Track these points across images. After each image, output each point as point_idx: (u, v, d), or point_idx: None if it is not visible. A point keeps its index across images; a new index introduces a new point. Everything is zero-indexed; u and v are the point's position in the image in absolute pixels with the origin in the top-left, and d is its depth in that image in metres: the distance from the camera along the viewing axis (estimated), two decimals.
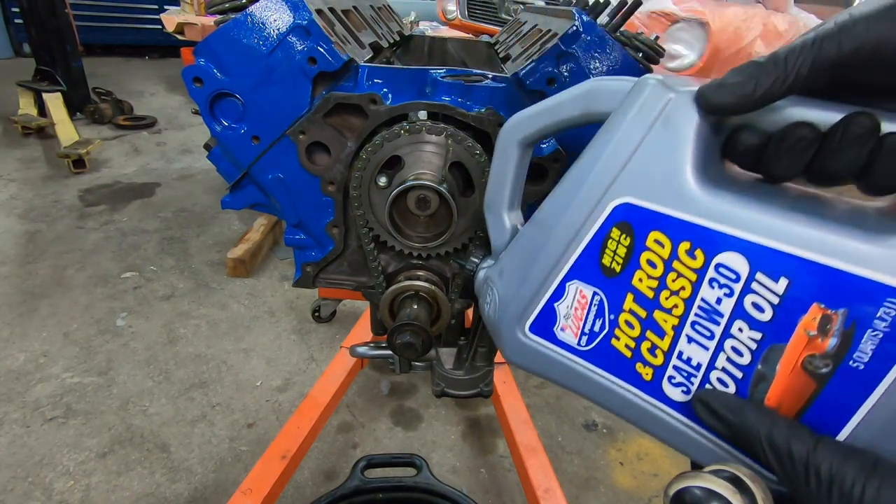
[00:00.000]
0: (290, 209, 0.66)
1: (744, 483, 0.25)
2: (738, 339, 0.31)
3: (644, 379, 0.36)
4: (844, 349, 0.28)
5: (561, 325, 0.40)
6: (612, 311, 0.37)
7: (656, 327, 0.35)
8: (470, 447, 1.47)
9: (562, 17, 0.72)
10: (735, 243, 0.31)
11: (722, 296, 0.31)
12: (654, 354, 0.35)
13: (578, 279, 0.38)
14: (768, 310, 0.30)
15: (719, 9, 2.23)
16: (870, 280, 0.26)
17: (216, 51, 0.57)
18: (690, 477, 0.26)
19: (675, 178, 0.32)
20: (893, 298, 0.26)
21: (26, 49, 5.13)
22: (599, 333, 0.38)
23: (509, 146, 0.45)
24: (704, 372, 0.33)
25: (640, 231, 0.34)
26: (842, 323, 0.28)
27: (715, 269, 0.31)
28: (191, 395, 1.55)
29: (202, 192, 2.91)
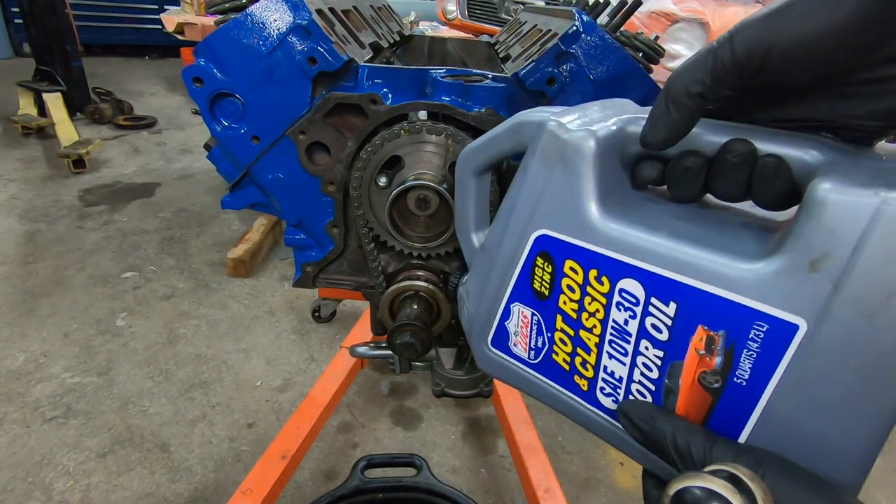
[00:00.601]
0: (290, 209, 0.66)
1: (743, 483, 0.25)
2: (646, 356, 0.34)
3: (582, 389, 0.39)
4: (728, 367, 0.30)
5: (513, 341, 0.44)
6: (548, 330, 0.40)
7: (583, 344, 0.38)
8: (470, 447, 1.47)
9: (562, 17, 0.72)
10: (632, 271, 0.33)
11: (628, 318, 0.35)
12: (585, 368, 0.38)
13: (519, 302, 0.42)
14: (665, 330, 0.33)
15: (719, 9, 2.23)
16: (739, 304, 0.29)
17: (216, 51, 0.57)
18: (690, 477, 0.26)
19: (577, 211, 0.36)
20: (760, 322, 0.28)
21: (26, 49, 5.13)
22: (542, 349, 0.41)
23: (464, 176, 0.48)
24: (626, 384, 0.36)
25: (558, 259, 0.38)
26: (723, 343, 0.30)
27: (619, 294, 0.35)
28: (191, 395, 1.55)
29: (202, 192, 2.91)
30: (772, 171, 0.30)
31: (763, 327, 0.28)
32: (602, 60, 0.58)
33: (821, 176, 0.27)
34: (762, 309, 0.28)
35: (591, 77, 0.58)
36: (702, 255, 0.30)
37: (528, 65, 0.58)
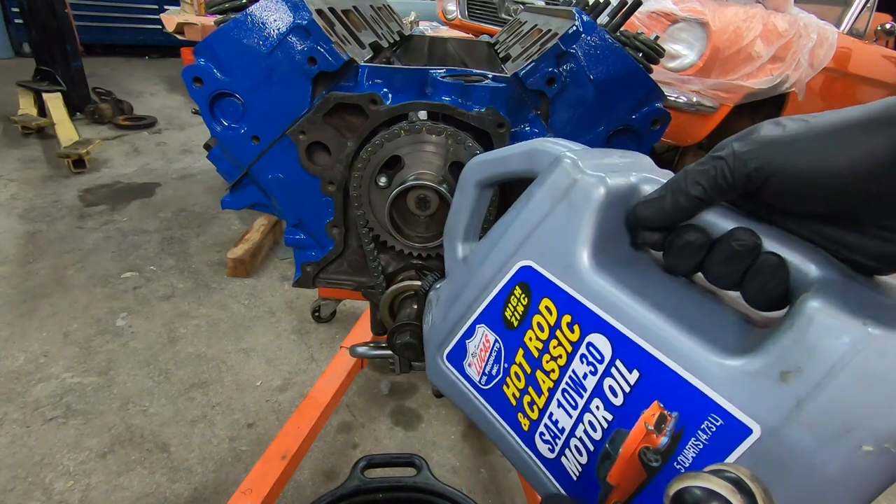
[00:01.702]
0: (290, 209, 0.66)
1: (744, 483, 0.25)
2: (594, 415, 0.34)
3: (522, 428, 0.39)
4: (672, 450, 0.29)
5: (468, 360, 0.43)
6: (506, 360, 0.40)
7: (536, 385, 0.37)
8: (470, 447, 1.47)
9: (562, 17, 0.72)
10: (605, 328, 0.33)
11: (588, 372, 0.34)
12: (531, 409, 0.38)
13: (486, 324, 0.41)
14: (620, 396, 0.32)
15: (719, 9, 2.22)
16: (701, 392, 0.28)
17: (216, 51, 0.57)
18: (690, 477, 0.26)
19: (569, 254, 0.35)
20: (716, 415, 0.28)
21: (26, 49, 5.13)
22: (495, 377, 0.41)
23: (467, 185, 0.48)
24: (567, 436, 0.35)
25: (535, 294, 0.37)
26: (673, 425, 0.30)
27: (586, 347, 0.34)
28: (191, 395, 1.55)
29: (202, 192, 2.91)
30: (770, 270, 0.29)
31: (717, 422, 0.28)
32: (602, 60, 0.58)
33: (814, 292, 0.27)
34: (722, 404, 0.28)
35: (591, 77, 0.58)
36: (679, 335, 0.30)
37: (528, 65, 0.58)
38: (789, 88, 2.49)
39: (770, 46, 2.25)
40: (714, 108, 2.36)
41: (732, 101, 2.36)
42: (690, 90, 2.33)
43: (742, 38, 2.21)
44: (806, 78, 2.48)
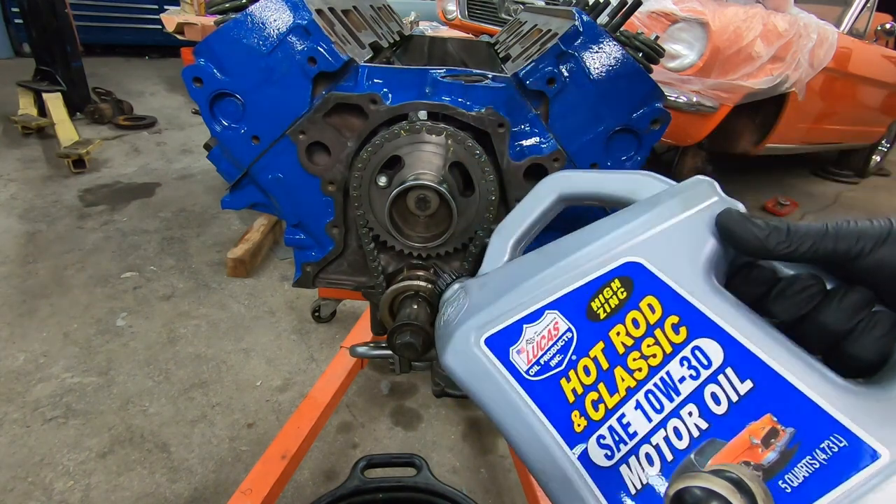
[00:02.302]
0: (290, 209, 0.66)
1: (744, 483, 0.25)
2: (683, 422, 0.31)
3: (574, 429, 0.35)
4: (780, 467, 0.27)
5: (519, 347, 0.40)
6: (577, 352, 0.37)
7: (611, 382, 0.35)
8: (470, 447, 1.47)
9: (562, 17, 0.72)
10: (719, 333, 0.31)
11: (687, 376, 0.32)
12: (595, 408, 0.35)
13: (559, 311, 0.39)
14: (724, 404, 0.30)
15: (719, 9, 2.22)
16: (823, 410, 0.27)
17: (216, 51, 0.57)
18: (690, 477, 0.26)
19: (691, 260, 0.34)
20: (839, 435, 0.26)
21: (26, 49, 5.13)
22: (553, 368, 0.38)
23: (547, 193, 0.48)
24: (637, 443, 0.33)
25: (638, 291, 0.36)
26: (787, 441, 0.28)
27: (691, 350, 0.32)
28: (191, 395, 1.55)
29: (202, 192, 2.91)
30: (887, 325, 0.29)
31: (840, 443, 0.26)
32: (602, 60, 0.58)
33: None
34: (848, 425, 0.26)
35: (591, 77, 0.58)
36: (803, 354, 0.29)
37: (528, 65, 0.58)
38: (789, 88, 2.49)
39: (770, 46, 2.25)
40: (714, 108, 2.36)
41: (732, 101, 2.36)
42: (690, 90, 2.33)
43: (742, 38, 2.21)
44: (806, 78, 2.48)
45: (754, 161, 3.58)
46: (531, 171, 0.62)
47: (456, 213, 0.58)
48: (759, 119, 2.95)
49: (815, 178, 4.49)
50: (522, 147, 0.61)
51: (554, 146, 0.61)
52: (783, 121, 2.86)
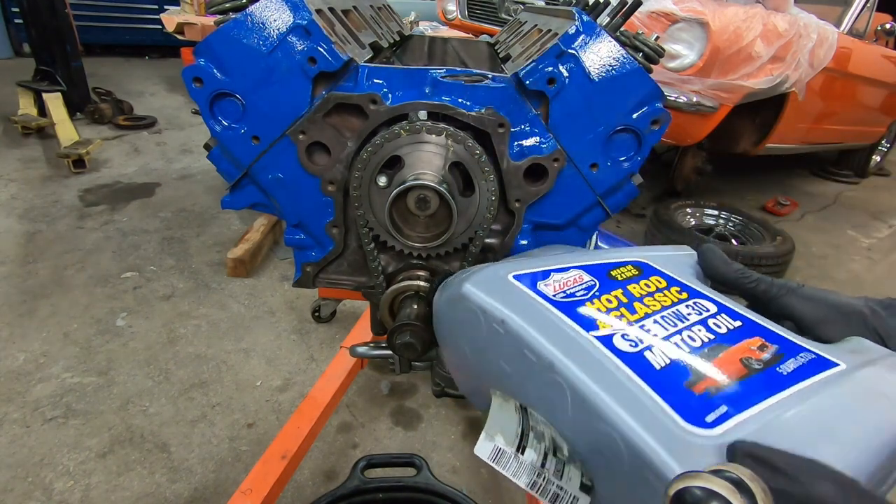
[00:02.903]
0: (290, 209, 0.66)
1: (743, 483, 0.25)
2: (694, 333, 0.40)
3: (598, 328, 0.40)
4: (774, 362, 0.37)
5: (546, 283, 0.45)
6: (599, 291, 0.45)
7: (631, 309, 0.42)
8: (470, 447, 1.47)
9: (562, 17, 0.72)
10: (711, 299, 0.44)
11: (693, 313, 0.42)
12: (619, 319, 0.41)
13: (584, 270, 0.47)
14: (724, 328, 0.40)
15: (719, 9, 2.22)
16: (795, 342, 0.39)
17: (216, 51, 0.57)
18: (690, 477, 0.26)
19: (684, 269, 0.50)
20: (809, 353, 0.38)
21: (26, 49, 5.12)
22: (579, 297, 0.44)
23: None
24: (659, 339, 0.39)
25: (647, 272, 0.48)
26: (774, 351, 0.38)
27: (693, 302, 0.44)
28: (191, 395, 1.55)
29: (202, 192, 2.91)
30: None
31: (811, 355, 0.37)
32: (602, 60, 0.58)
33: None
34: (812, 349, 0.38)
35: (591, 77, 0.58)
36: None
37: (528, 65, 0.58)
38: (789, 88, 2.48)
39: (770, 46, 2.25)
40: (714, 108, 2.36)
41: (732, 101, 2.35)
42: (690, 90, 2.33)
43: (742, 38, 2.21)
44: (806, 78, 2.48)
45: (754, 161, 3.58)
46: (531, 171, 0.62)
47: (456, 213, 0.58)
48: (759, 119, 2.95)
49: (815, 178, 4.49)
50: (522, 147, 0.61)
51: (554, 146, 0.61)
52: (783, 121, 2.86)
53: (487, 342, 0.43)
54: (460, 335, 0.48)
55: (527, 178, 0.62)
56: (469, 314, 0.44)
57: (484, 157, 0.59)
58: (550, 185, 0.62)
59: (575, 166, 0.62)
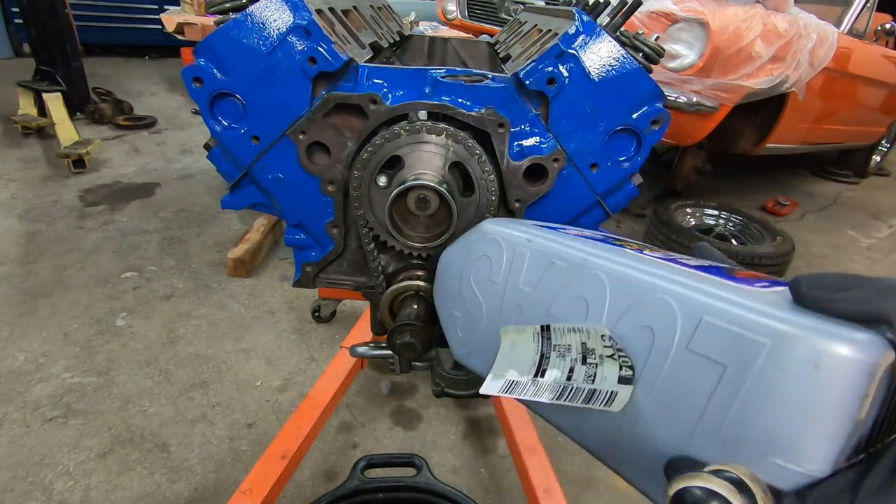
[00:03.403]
0: (290, 209, 0.66)
1: (744, 483, 0.25)
2: (688, 265, 0.38)
3: (622, 244, 0.43)
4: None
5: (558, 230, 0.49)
6: (604, 241, 0.45)
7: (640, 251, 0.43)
8: (470, 447, 1.47)
9: (562, 17, 0.72)
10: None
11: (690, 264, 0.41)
12: (622, 246, 0.43)
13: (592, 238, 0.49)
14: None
15: (719, 9, 2.22)
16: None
17: (216, 51, 0.57)
18: (690, 477, 0.26)
19: None
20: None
21: (26, 49, 5.12)
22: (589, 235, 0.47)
23: None
24: (657, 256, 0.40)
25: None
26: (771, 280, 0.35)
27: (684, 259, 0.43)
28: (191, 395, 1.55)
29: (202, 192, 2.91)
30: None
31: None
32: (602, 60, 0.58)
33: None
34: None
35: (591, 77, 0.58)
36: None
37: (528, 65, 0.58)
38: (789, 88, 2.48)
39: (770, 46, 2.25)
40: (714, 108, 2.36)
41: (732, 101, 2.35)
42: (690, 90, 2.33)
43: (742, 38, 2.21)
44: (806, 78, 2.48)
45: (754, 161, 3.58)
46: (531, 171, 0.62)
47: (456, 213, 0.58)
48: (759, 119, 2.95)
49: (815, 178, 4.49)
50: (522, 147, 0.61)
51: (554, 146, 0.61)
52: (783, 121, 2.86)
53: (508, 269, 0.46)
54: (474, 277, 0.50)
55: (527, 178, 0.62)
56: (490, 245, 0.48)
57: (484, 157, 0.59)
58: (550, 185, 0.62)
59: (575, 166, 0.62)
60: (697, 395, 0.30)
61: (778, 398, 0.26)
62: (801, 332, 0.26)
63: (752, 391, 0.27)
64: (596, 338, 0.35)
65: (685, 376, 0.31)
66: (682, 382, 0.31)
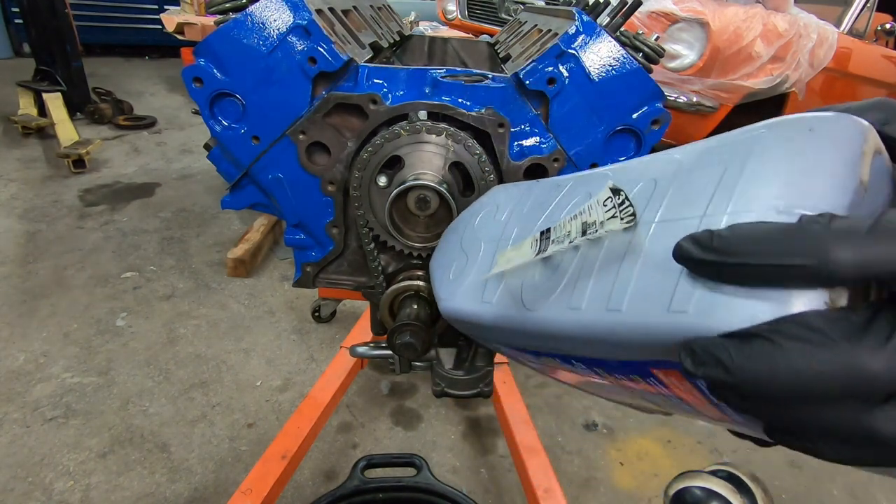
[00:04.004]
0: (290, 209, 0.66)
1: (743, 483, 0.25)
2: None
3: None
4: None
5: None
6: None
7: None
8: (470, 447, 1.47)
9: (562, 17, 0.72)
10: None
11: None
12: None
13: None
14: None
15: (719, 9, 2.22)
16: None
17: (216, 51, 0.57)
18: (690, 477, 0.26)
19: None
20: None
21: (26, 49, 5.12)
22: None
23: None
24: None
25: None
26: None
27: None
28: (191, 395, 1.55)
29: (202, 192, 2.91)
30: None
31: None
32: (602, 60, 0.58)
33: None
34: None
35: (592, 77, 0.58)
36: None
37: (528, 65, 0.58)
38: (789, 88, 2.49)
39: (770, 46, 2.25)
40: (714, 108, 2.36)
41: (732, 101, 2.36)
42: (690, 90, 2.33)
43: (742, 38, 2.21)
44: (806, 78, 2.48)
45: None
46: (531, 171, 0.62)
47: (456, 213, 0.58)
48: (759, 119, 2.94)
49: None
50: (522, 147, 0.61)
51: (554, 146, 0.61)
52: None
53: (515, 203, 0.48)
54: (478, 223, 0.51)
55: (527, 177, 0.62)
56: (500, 192, 0.52)
57: (484, 157, 0.59)
58: None
59: (575, 166, 0.62)
60: (698, 203, 0.28)
61: (779, 164, 0.26)
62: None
63: (756, 158, 0.27)
64: (596, 209, 0.32)
65: (690, 189, 0.30)
66: (689, 196, 0.29)
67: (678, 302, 0.25)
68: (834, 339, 0.20)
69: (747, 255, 0.22)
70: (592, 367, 0.33)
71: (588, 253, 0.33)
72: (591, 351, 0.32)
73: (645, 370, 0.29)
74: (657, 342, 0.27)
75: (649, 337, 0.27)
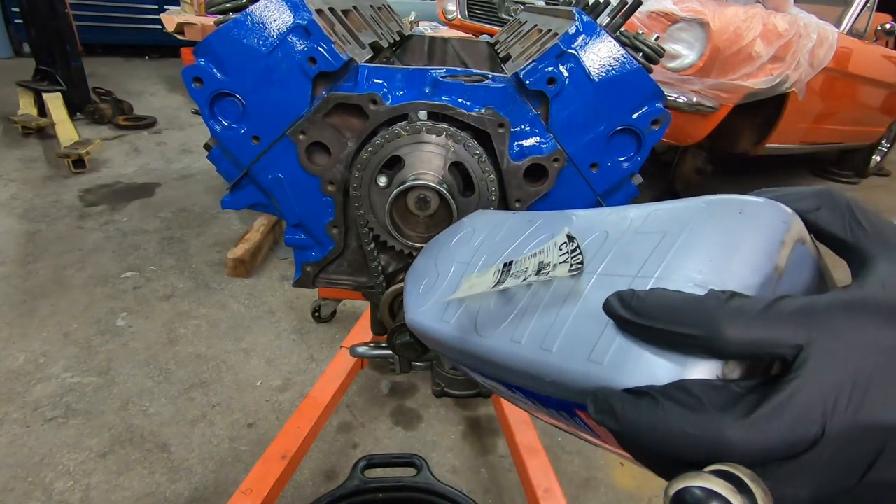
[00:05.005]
0: (290, 209, 0.66)
1: (744, 483, 0.25)
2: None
3: None
4: None
5: None
6: None
7: None
8: (470, 447, 1.47)
9: (562, 17, 0.72)
10: None
11: None
12: None
13: None
14: None
15: (719, 9, 2.22)
16: None
17: (216, 51, 0.57)
18: (690, 477, 0.26)
19: None
20: None
21: (26, 49, 5.12)
22: None
23: None
24: None
25: None
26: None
27: None
28: (191, 395, 1.55)
29: (202, 192, 2.91)
30: None
31: None
32: (602, 60, 0.58)
33: None
34: None
35: (592, 77, 0.58)
36: None
37: (528, 65, 0.58)
38: (789, 88, 2.49)
39: (770, 46, 2.25)
40: (714, 108, 2.36)
41: (732, 101, 2.36)
42: (690, 90, 2.33)
43: (742, 38, 2.21)
44: (806, 78, 2.48)
45: (754, 161, 3.58)
46: (531, 171, 0.62)
47: (456, 213, 0.58)
48: (759, 119, 2.95)
49: (815, 178, 4.49)
50: (522, 147, 0.61)
51: (554, 146, 0.61)
52: (783, 121, 2.86)
53: (489, 231, 0.49)
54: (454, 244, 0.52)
55: (527, 178, 0.62)
56: (478, 217, 0.54)
57: (484, 157, 0.59)
58: (550, 185, 0.62)
59: (575, 166, 0.62)
60: (634, 263, 0.31)
61: (706, 240, 0.29)
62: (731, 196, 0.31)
63: (688, 232, 0.30)
64: (553, 251, 0.35)
65: (632, 249, 0.32)
66: (629, 255, 0.32)
67: (598, 353, 0.28)
68: (706, 407, 0.22)
69: (655, 319, 0.24)
70: (530, 398, 0.35)
71: (538, 291, 0.35)
72: (527, 384, 0.34)
73: (571, 410, 0.31)
74: (575, 387, 0.29)
75: (569, 380, 0.29)
